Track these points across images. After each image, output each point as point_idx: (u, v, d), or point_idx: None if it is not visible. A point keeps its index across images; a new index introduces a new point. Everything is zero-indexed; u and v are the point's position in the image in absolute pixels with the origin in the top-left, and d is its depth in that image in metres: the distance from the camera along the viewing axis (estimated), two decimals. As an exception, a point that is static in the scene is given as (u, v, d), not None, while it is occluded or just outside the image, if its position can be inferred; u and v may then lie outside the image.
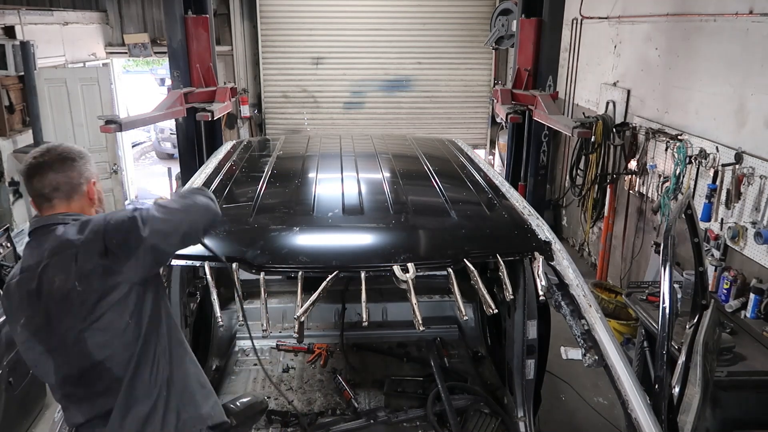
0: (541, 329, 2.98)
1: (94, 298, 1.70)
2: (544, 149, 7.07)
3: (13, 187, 6.37)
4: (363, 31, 9.25)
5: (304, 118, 9.66)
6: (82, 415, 1.85)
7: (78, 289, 1.69)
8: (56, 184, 1.82)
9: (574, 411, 4.27)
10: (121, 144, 8.99)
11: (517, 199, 3.05)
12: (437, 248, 2.53)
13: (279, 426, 3.13)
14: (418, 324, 2.14)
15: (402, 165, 3.68)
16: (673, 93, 5.05)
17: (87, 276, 1.69)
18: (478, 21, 9.24)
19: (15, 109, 6.55)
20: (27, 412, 4.05)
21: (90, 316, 1.71)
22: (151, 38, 9.00)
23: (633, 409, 1.95)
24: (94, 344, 1.74)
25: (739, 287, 3.95)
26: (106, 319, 1.73)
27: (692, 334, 2.41)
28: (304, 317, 2.17)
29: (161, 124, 11.59)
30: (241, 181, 3.36)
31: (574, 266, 2.46)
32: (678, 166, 4.69)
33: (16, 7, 6.43)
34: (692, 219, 2.43)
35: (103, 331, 1.74)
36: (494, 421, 3.14)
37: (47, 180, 1.81)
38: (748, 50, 4.07)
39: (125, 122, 5.19)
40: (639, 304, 4.03)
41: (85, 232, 1.72)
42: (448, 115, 9.76)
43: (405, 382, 3.48)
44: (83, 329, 1.73)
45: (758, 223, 3.85)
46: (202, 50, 6.38)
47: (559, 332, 3.09)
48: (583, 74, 7.03)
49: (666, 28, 5.18)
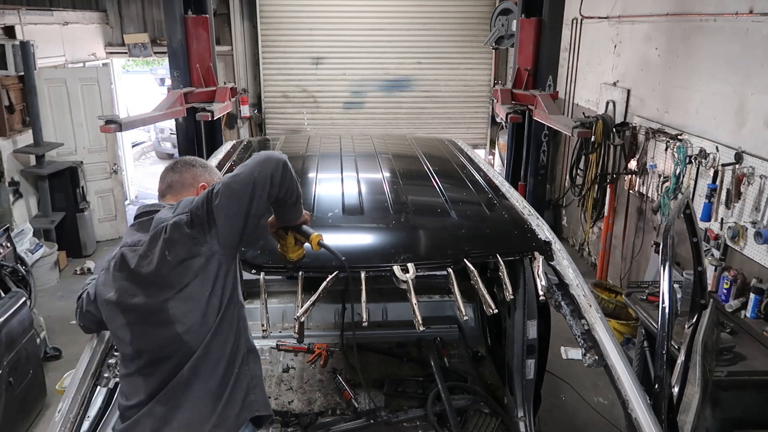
0: (541, 329, 2.98)
1: (181, 267, 1.78)
2: (544, 149, 7.07)
3: (13, 187, 6.37)
4: (363, 31, 9.26)
5: (304, 118, 9.67)
6: (144, 392, 1.89)
7: (168, 258, 1.78)
8: (170, 182, 2.08)
9: (574, 411, 4.27)
10: (121, 144, 8.99)
11: (517, 199, 3.05)
12: (437, 248, 2.53)
13: (279, 426, 3.13)
14: (418, 324, 2.14)
15: (402, 165, 3.68)
16: (673, 93, 5.05)
17: (174, 244, 1.78)
18: (478, 21, 9.24)
19: (15, 109, 6.55)
20: (27, 412, 4.05)
21: (176, 284, 1.79)
22: (151, 38, 9.00)
23: (633, 409, 1.95)
24: (176, 314, 1.81)
25: (739, 287, 3.95)
26: (190, 289, 1.80)
27: (691, 334, 2.41)
28: (305, 317, 2.17)
29: (161, 124, 11.60)
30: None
31: (574, 266, 2.46)
32: (678, 165, 4.69)
33: (16, 7, 6.43)
34: (691, 219, 2.43)
35: (185, 301, 1.81)
36: (494, 421, 3.14)
37: (167, 178, 2.09)
38: (748, 50, 4.07)
39: (125, 122, 5.19)
40: (639, 304, 4.03)
41: (177, 209, 1.85)
42: (448, 115, 9.76)
43: (405, 382, 3.48)
44: (168, 298, 1.80)
45: (758, 223, 3.85)
46: (202, 50, 6.39)
47: (559, 332, 3.10)
48: (583, 74, 7.04)
49: (666, 28, 5.18)
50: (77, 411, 1.97)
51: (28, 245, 5.99)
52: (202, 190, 1.99)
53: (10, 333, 3.85)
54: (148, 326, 1.85)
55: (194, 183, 2.07)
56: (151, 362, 1.88)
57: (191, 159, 2.15)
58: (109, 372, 2.12)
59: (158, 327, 1.83)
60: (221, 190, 1.76)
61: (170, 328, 1.82)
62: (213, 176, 2.14)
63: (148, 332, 1.86)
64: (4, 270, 4.97)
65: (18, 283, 5.05)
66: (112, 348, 2.11)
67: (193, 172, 2.10)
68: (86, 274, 6.66)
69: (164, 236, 1.79)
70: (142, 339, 1.87)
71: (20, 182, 6.50)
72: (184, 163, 2.12)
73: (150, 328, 1.85)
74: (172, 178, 2.08)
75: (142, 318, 1.85)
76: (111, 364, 2.12)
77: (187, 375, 1.85)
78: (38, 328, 4.75)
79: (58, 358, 4.87)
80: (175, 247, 1.78)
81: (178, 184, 2.07)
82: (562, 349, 4.82)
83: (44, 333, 4.94)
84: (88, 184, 7.37)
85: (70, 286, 6.34)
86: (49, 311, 5.56)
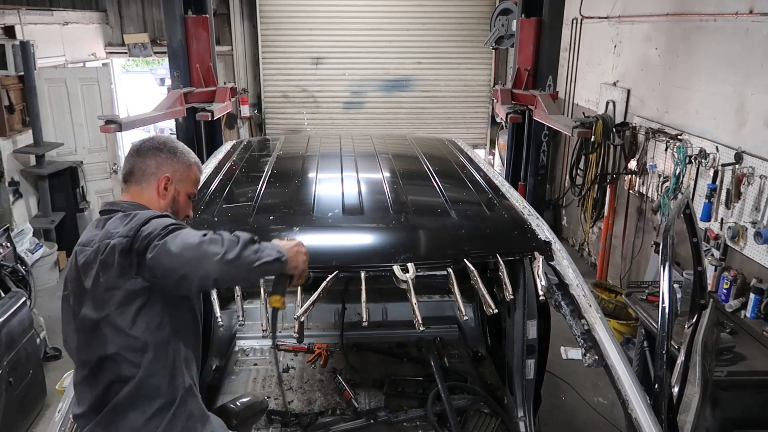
0: (541, 329, 2.98)
1: (107, 294, 1.70)
2: (544, 149, 7.07)
3: (13, 187, 6.37)
4: (363, 31, 9.25)
5: (304, 118, 9.66)
6: (80, 405, 1.83)
7: (100, 280, 1.70)
8: (132, 167, 1.92)
9: (574, 411, 4.27)
10: (121, 144, 8.99)
11: (517, 199, 3.05)
12: (437, 248, 2.53)
13: (279, 426, 3.13)
14: (418, 324, 2.14)
15: (402, 165, 3.68)
16: (673, 93, 5.05)
17: (108, 268, 1.69)
18: (478, 21, 9.24)
19: (15, 109, 6.55)
20: (27, 412, 4.05)
21: (105, 308, 1.71)
22: (151, 38, 9.00)
23: (633, 409, 1.95)
24: (108, 335, 1.73)
25: (739, 287, 3.95)
26: (113, 318, 1.71)
27: (691, 334, 2.41)
28: (304, 317, 2.17)
29: (161, 124, 11.56)
30: (241, 181, 3.36)
31: (574, 266, 2.46)
32: (678, 165, 4.69)
33: (16, 7, 6.43)
34: (691, 219, 2.43)
35: (112, 327, 1.72)
36: (494, 421, 3.14)
37: (128, 162, 1.93)
38: (748, 50, 4.07)
39: (125, 122, 5.19)
40: (639, 304, 4.03)
41: (124, 225, 1.71)
42: (448, 115, 9.76)
43: (405, 382, 3.48)
44: (102, 318, 1.72)
45: (758, 223, 3.84)
46: (202, 50, 6.38)
47: (559, 332, 3.09)
48: (583, 74, 7.03)
49: (666, 28, 5.18)
50: (77, 411, 1.96)
51: (28, 245, 5.99)
52: (163, 183, 1.91)
53: (10, 333, 3.85)
54: (89, 338, 1.76)
55: (156, 172, 1.91)
56: (93, 375, 1.79)
57: (160, 141, 1.97)
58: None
59: (96, 342, 1.75)
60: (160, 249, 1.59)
61: (104, 347, 1.74)
62: (179, 165, 1.95)
63: (89, 344, 1.77)
64: (4, 270, 4.96)
65: (18, 283, 5.05)
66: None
67: (158, 159, 1.92)
68: (86, 274, 6.66)
69: (101, 257, 1.69)
70: (85, 350, 1.79)
71: (20, 182, 6.50)
72: (151, 147, 1.94)
73: (90, 340, 1.76)
74: (135, 163, 1.92)
75: (86, 328, 1.76)
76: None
77: (123, 401, 1.76)
78: (38, 328, 4.76)
79: (58, 358, 4.87)
80: (108, 271, 1.68)
81: (140, 171, 1.91)
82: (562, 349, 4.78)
83: (44, 333, 4.94)
84: (88, 184, 7.37)
85: (70, 286, 6.34)
86: (49, 311, 5.55)
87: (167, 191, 1.93)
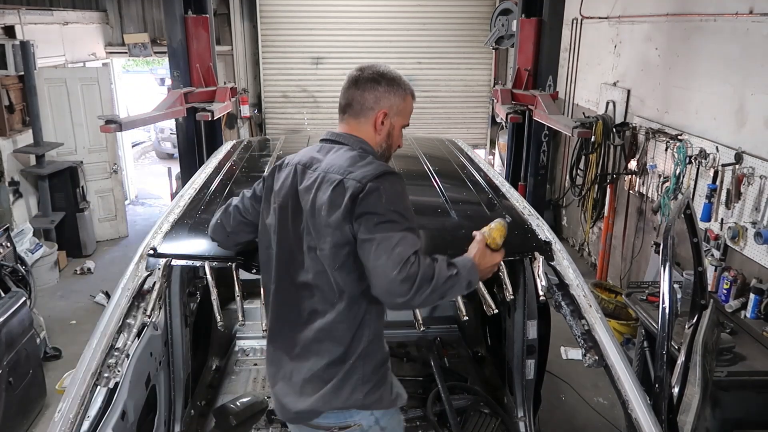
0: (541, 329, 2.98)
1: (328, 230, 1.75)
2: (544, 149, 7.07)
3: (13, 186, 6.37)
4: (363, 31, 9.26)
5: (304, 118, 9.66)
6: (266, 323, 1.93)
7: (322, 213, 1.75)
8: (351, 99, 1.90)
9: (574, 411, 4.27)
10: (121, 144, 8.99)
11: (517, 199, 3.05)
12: (437, 248, 2.52)
13: (279, 426, 3.13)
14: (418, 324, 2.14)
15: (402, 165, 3.68)
16: (673, 93, 5.05)
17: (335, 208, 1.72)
18: (478, 21, 9.24)
19: (15, 108, 6.55)
20: (27, 412, 4.05)
21: (321, 241, 1.77)
22: (151, 38, 9.00)
23: (633, 409, 1.95)
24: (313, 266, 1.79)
25: (739, 287, 3.95)
26: (332, 253, 1.76)
27: (691, 334, 2.41)
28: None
29: (161, 123, 11.60)
30: (242, 181, 3.36)
31: (574, 266, 2.46)
32: (678, 166, 4.69)
33: (16, 7, 6.43)
34: (691, 219, 2.43)
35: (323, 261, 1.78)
36: (494, 421, 3.14)
37: (347, 93, 1.91)
38: (748, 50, 4.07)
39: (125, 122, 5.19)
40: (639, 304, 4.03)
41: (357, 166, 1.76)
42: (448, 115, 9.76)
43: (405, 382, 3.47)
44: (312, 248, 1.79)
45: (758, 223, 3.85)
46: (202, 50, 6.39)
47: (559, 332, 3.09)
48: (583, 74, 7.03)
49: (666, 28, 5.18)
50: (77, 411, 1.96)
51: (28, 245, 5.99)
52: (381, 118, 1.90)
53: (10, 333, 3.85)
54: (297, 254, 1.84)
55: (374, 107, 1.89)
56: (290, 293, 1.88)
57: (378, 72, 1.90)
58: (109, 372, 2.10)
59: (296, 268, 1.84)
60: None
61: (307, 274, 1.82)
62: (396, 99, 1.91)
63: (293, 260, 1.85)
64: (4, 270, 4.96)
65: (18, 283, 5.05)
66: (112, 348, 2.10)
67: (376, 92, 1.88)
68: (86, 274, 6.67)
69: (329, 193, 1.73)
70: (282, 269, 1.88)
71: (20, 182, 6.50)
72: (370, 78, 1.89)
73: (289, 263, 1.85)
74: (353, 95, 1.89)
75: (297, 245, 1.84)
76: (111, 364, 2.11)
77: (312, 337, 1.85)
78: (38, 328, 4.75)
79: (58, 358, 4.87)
80: (334, 211, 1.72)
81: (358, 104, 1.89)
82: (562, 349, 4.82)
83: (44, 333, 4.93)
84: (88, 184, 7.37)
85: (70, 286, 6.34)
86: (49, 311, 5.56)
87: (383, 125, 1.93)
